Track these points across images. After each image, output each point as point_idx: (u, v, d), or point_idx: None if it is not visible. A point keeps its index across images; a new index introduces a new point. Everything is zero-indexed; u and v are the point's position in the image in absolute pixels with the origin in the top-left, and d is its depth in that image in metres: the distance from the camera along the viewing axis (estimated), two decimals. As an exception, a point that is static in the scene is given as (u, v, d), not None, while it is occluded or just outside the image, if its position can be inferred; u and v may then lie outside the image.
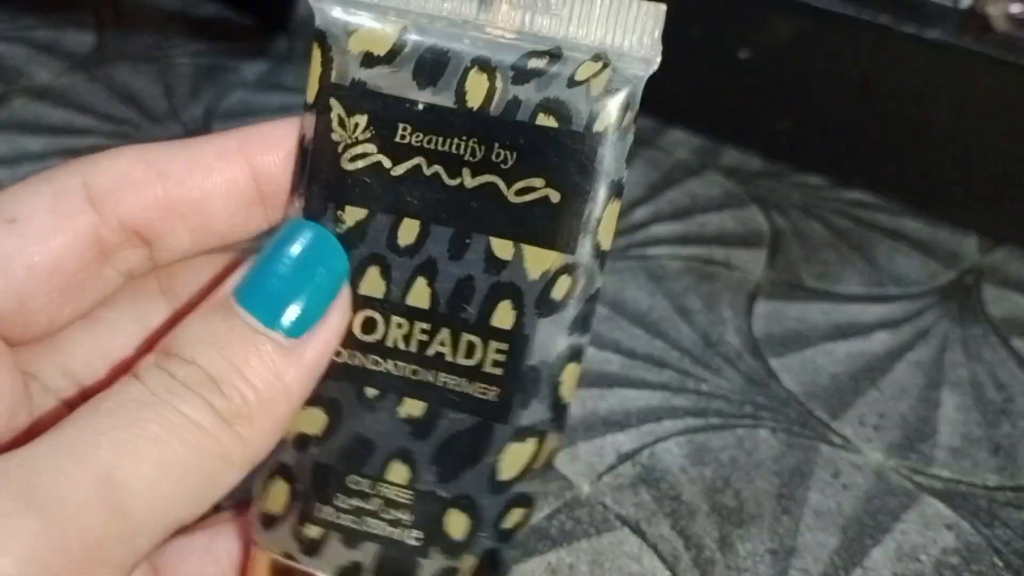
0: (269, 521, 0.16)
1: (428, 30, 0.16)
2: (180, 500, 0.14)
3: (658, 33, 0.16)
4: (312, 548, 0.16)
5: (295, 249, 0.16)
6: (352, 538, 0.16)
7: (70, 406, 0.18)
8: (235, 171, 0.17)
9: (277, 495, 0.16)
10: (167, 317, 0.18)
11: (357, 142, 0.16)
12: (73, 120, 0.46)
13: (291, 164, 0.17)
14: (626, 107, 0.16)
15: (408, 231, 0.16)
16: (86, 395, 0.18)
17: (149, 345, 0.18)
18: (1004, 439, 0.33)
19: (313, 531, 0.16)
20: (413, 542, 0.16)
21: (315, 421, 0.16)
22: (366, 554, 0.16)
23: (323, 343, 0.16)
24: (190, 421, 0.14)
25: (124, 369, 0.18)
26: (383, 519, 0.16)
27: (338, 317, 0.16)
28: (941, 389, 0.35)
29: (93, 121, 0.46)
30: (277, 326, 0.15)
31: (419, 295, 0.16)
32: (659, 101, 0.48)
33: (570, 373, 0.16)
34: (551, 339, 0.16)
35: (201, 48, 0.53)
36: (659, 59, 0.16)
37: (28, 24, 0.54)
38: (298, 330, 0.15)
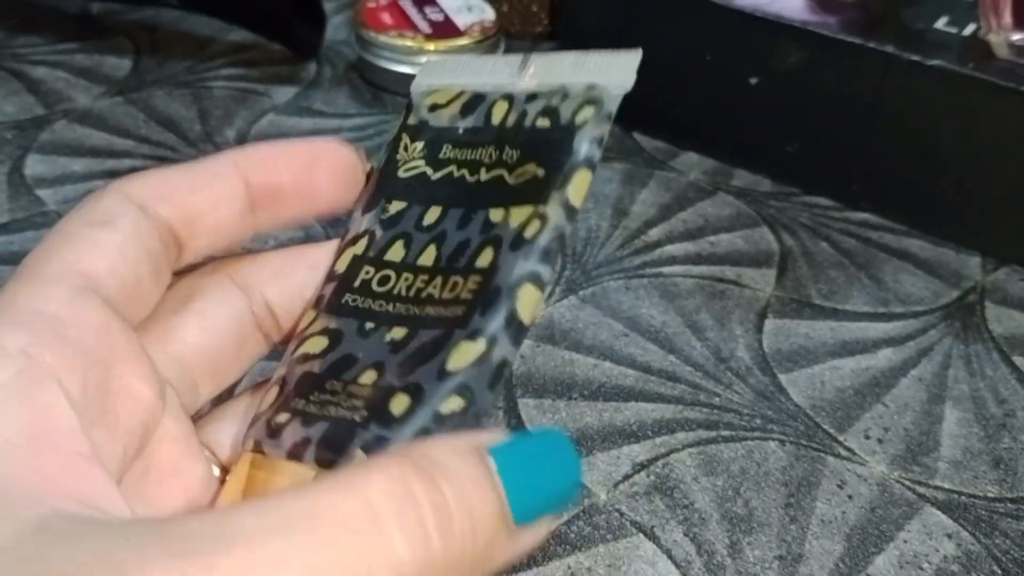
0: (254, 419, 0.19)
1: (475, 87, 0.22)
2: None
3: (633, 70, 0.20)
4: (276, 432, 0.18)
5: (559, 452, 0.16)
6: (309, 419, 0.18)
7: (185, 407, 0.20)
8: (232, 182, 0.20)
9: (267, 399, 0.19)
10: (246, 303, 0.21)
11: (412, 159, 0.22)
12: (112, 142, 0.48)
13: (274, 176, 0.21)
14: (599, 108, 0.20)
15: (432, 215, 0.21)
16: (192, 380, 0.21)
17: (240, 327, 0.21)
18: (1005, 452, 0.35)
19: (282, 417, 0.19)
20: (357, 418, 0.18)
21: (317, 344, 0.19)
22: (316, 430, 0.18)
23: (529, 544, 0.16)
24: (393, 550, 0.14)
25: (223, 355, 0.21)
26: (341, 406, 0.18)
27: (547, 528, 0.16)
28: (944, 404, 0.36)
29: (131, 143, 0.48)
30: (512, 504, 0.15)
31: (428, 256, 0.20)
32: (673, 125, 0.50)
33: (527, 292, 0.19)
34: (515, 264, 0.19)
35: (233, 73, 0.55)
36: (631, 85, 0.20)
37: (68, 49, 0.56)
38: (523, 520, 0.15)
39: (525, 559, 0.29)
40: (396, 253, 0.20)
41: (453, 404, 0.18)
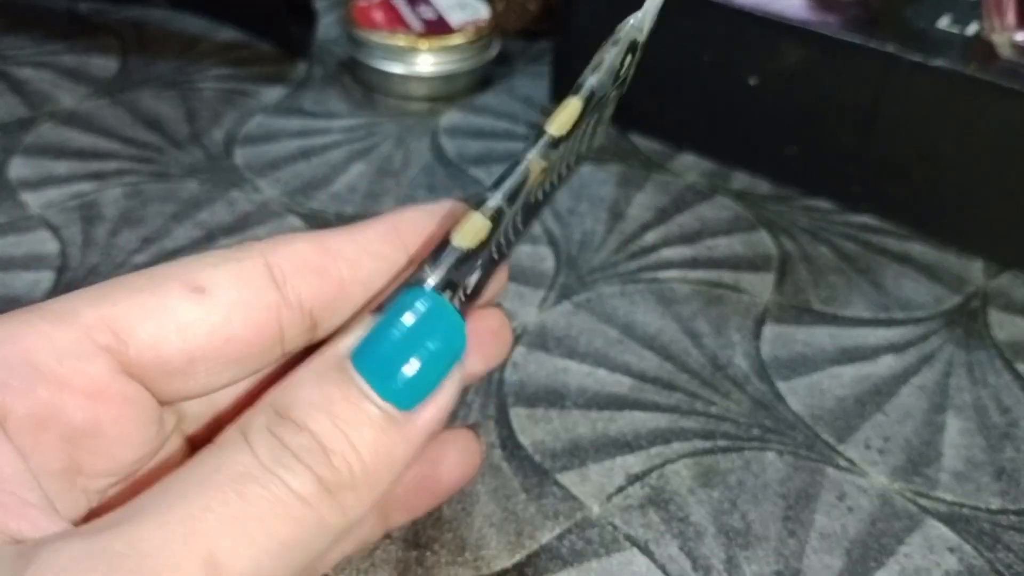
0: None
1: None
2: (277, 573, 0.14)
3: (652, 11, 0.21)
4: None
5: (418, 321, 0.16)
6: None
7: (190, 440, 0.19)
8: (394, 252, 0.18)
9: None
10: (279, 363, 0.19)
11: None
12: (98, 144, 0.47)
13: (432, 243, 0.18)
14: (612, 38, 0.21)
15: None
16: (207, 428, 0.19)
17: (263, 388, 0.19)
18: (1008, 463, 0.34)
19: None
20: None
21: None
22: None
23: (432, 419, 0.16)
24: (295, 495, 0.14)
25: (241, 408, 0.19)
26: None
27: (449, 393, 0.16)
28: (946, 413, 0.36)
29: (117, 145, 0.47)
30: (391, 397, 0.15)
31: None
32: (670, 126, 0.49)
33: (468, 218, 0.18)
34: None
35: (222, 73, 0.54)
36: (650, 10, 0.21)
37: (54, 49, 0.55)
38: (410, 403, 0.16)
39: (515, 574, 0.29)
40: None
41: None
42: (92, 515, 0.17)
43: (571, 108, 0.19)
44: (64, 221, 0.42)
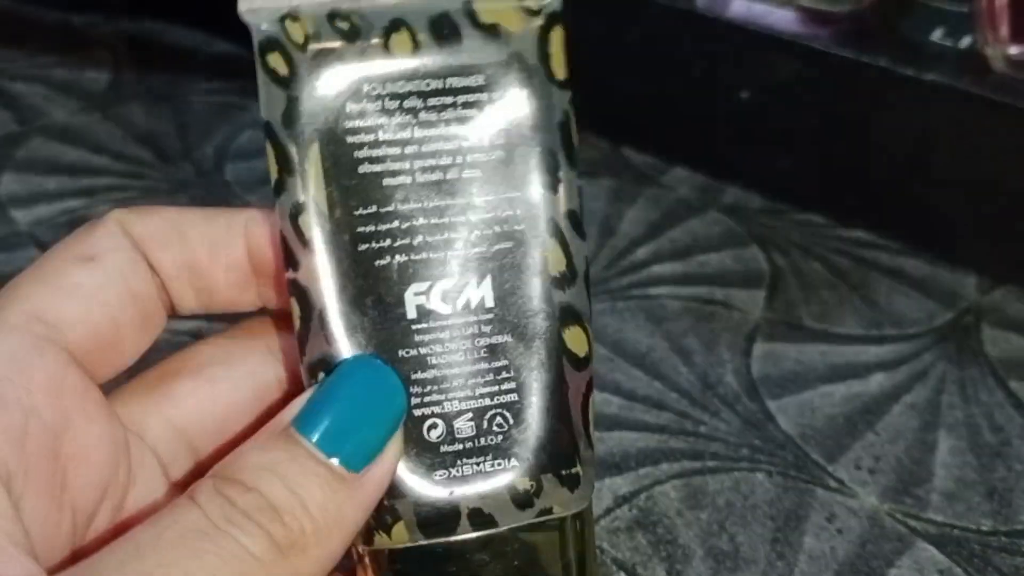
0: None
1: None
2: None
3: None
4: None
5: (359, 383, 0.16)
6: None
7: (169, 476, 0.19)
8: (237, 249, 0.18)
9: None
10: (277, 375, 0.19)
11: None
12: (89, 159, 0.47)
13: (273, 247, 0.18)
14: None
15: None
16: (199, 466, 0.19)
17: (260, 403, 0.19)
18: (999, 483, 0.33)
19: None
20: None
21: None
22: None
23: (380, 478, 0.16)
24: (247, 552, 0.14)
25: (233, 429, 0.19)
26: None
27: (394, 452, 0.16)
28: (937, 432, 0.35)
29: (108, 160, 0.47)
30: (338, 458, 0.15)
31: None
32: (662, 140, 0.49)
33: None
34: None
35: (214, 86, 0.54)
36: None
37: (46, 63, 0.55)
38: (358, 464, 0.16)
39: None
40: None
41: None
42: (68, 563, 0.17)
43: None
44: (53, 238, 0.42)
